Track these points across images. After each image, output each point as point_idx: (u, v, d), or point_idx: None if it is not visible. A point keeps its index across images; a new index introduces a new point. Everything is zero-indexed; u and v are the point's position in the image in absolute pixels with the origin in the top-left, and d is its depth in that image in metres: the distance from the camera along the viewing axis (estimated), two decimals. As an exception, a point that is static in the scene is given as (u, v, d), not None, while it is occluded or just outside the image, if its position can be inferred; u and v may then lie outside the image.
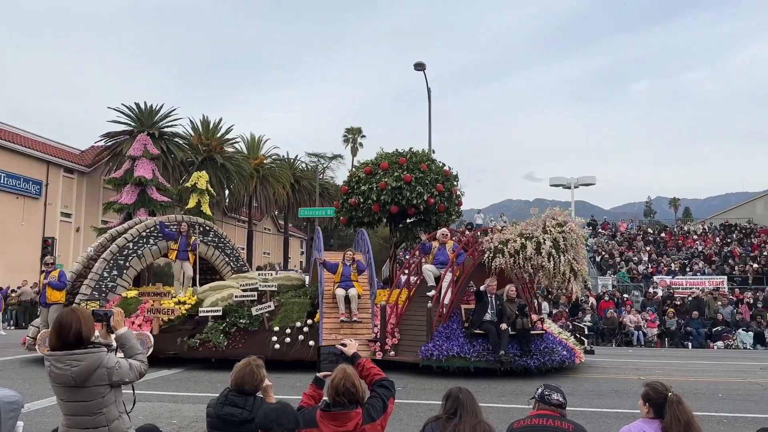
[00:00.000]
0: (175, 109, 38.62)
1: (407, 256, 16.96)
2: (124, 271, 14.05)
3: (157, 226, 14.63)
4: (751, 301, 22.95)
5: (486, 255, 11.38)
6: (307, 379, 10.61)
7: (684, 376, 11.49)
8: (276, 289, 13.29)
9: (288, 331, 12.09)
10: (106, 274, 13.71)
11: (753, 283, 26.81)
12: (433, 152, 16.77)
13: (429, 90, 25.74)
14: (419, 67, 24.87)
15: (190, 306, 12.91)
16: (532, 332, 11.28)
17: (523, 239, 11.08)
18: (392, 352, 11.67)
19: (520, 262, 10.98)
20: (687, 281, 26.98)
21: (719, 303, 22.10)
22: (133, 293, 13.74)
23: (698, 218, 52.66)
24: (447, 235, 13.14)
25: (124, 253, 14.13)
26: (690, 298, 23.15)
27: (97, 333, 3.75)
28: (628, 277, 29.17)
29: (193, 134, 40.10)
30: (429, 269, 12.61)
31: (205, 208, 17.78)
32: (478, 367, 10.81)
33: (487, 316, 11.18)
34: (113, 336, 3.84)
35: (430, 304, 11.67)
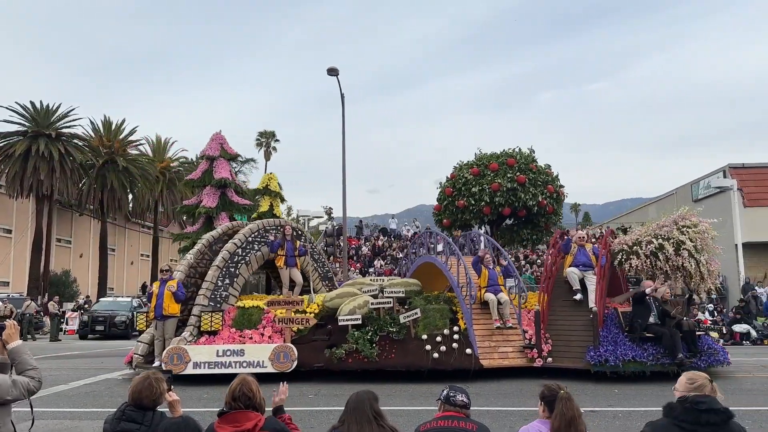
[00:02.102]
0: (73, 109, 36.85)
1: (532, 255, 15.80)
2: (234, 279, 12.97)
3: (260, 231, 13.78)
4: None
5: (619, 257, 11.07)
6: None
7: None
8: (404, 295, 12.69)
9: (438, 339, 11.34)
10: (219, 283, 12.57)
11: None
12: (533, 152, 16.46)
13: (342, 95, 25.75)
14: (332, 72, 24.81)
15: (314, 314, 12.17)
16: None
17: (660, 240, 10.85)
18: (549, 359, 11.22)
19: (659, 263, 10.74)
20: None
21: (615, 302, 23.39)
22: (254, 302, 12.62)
23: (596, 222, 55.64)
24: (584, 237, 12.73)
25: (234, 260, 13.10)
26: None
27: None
28: (533, 279, 30.37)
29: (93, 135, 38.24)
30: (573, 272, 12.12)
31: (278, 211, 16.79)
32: (652, 371, 10.62)
33: (651, 319, 11.02)
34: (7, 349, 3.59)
35: (594, 308, 11.29)
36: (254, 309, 12.28)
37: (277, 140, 65.94)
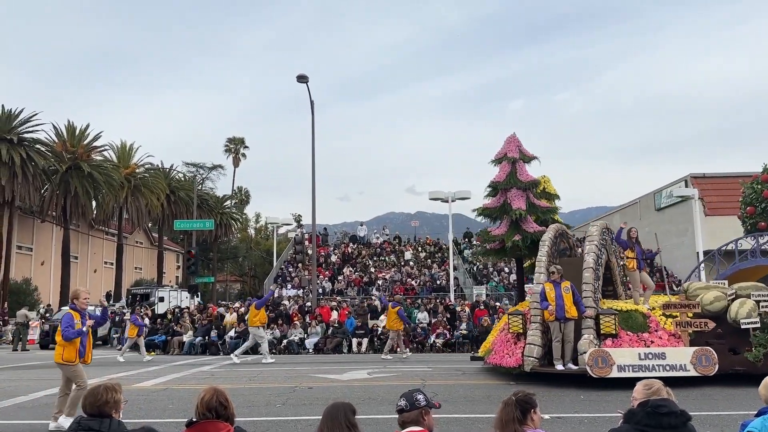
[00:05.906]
0: (36, 114, 36.02)
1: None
2: (598, 282, 12.84)
3: (604, 233, 13.73)
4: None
5: None
6: None
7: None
8: None
9: None
10: (595, 285, 12.43)
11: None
12: None
13: (312, 103, 25.74)
14: (302, 79, 24.79)
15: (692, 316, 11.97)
16: None
17: None
18: None
19: None
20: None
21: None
22: (627, 305, 12.37)
23: (563, 230, 56.46)
24: None
25: (598, 262, 13.03)
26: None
27: None
28: (501, 286, 30.78)
29: (57, 141, 37.45)
30: None
31: (555, 215, 16.15)
32: None
33: None
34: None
35: None
36: (636, 313, 12.13)
37: (246, 147, 65.55)
